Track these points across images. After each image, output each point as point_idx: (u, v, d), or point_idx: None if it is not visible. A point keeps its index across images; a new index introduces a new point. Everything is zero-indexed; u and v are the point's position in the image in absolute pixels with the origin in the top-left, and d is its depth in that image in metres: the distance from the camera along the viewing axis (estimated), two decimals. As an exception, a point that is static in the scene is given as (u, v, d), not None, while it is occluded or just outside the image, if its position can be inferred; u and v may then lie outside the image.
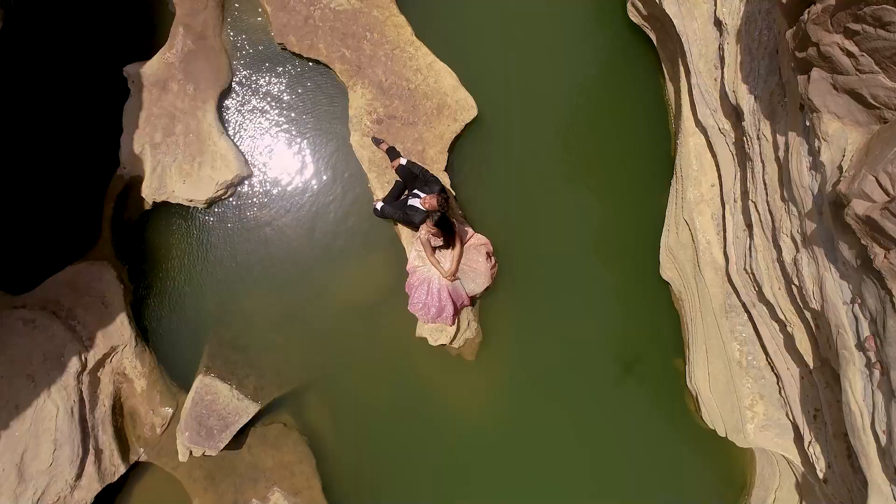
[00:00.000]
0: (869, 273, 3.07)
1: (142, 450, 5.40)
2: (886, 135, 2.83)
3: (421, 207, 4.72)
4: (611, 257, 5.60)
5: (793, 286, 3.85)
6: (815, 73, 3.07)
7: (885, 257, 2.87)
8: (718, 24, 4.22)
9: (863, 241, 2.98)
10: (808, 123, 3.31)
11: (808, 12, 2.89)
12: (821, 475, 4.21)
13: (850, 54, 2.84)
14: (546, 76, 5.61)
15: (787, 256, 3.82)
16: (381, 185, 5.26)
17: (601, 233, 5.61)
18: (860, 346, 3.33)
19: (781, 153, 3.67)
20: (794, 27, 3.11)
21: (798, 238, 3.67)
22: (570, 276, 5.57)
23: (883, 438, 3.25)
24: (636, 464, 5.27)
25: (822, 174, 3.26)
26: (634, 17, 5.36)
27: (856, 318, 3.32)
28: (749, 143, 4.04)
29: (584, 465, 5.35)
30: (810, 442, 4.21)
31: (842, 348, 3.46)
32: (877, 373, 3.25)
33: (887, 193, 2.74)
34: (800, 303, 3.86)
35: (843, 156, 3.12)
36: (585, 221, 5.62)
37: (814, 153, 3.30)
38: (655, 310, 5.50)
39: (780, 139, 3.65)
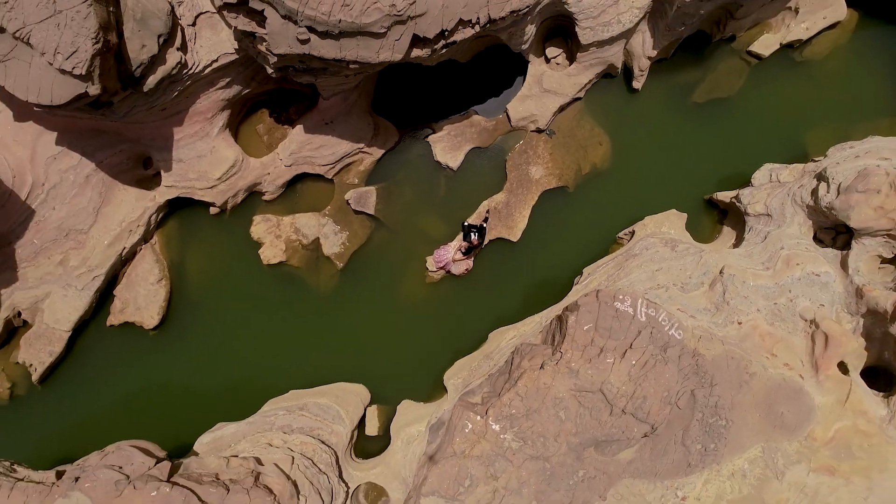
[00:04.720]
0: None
1: (339, 179, 13.67)
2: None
3: (471, 239, 12.88)
4: (503, 316, 13.68)
5: (500, 360, 11.98)
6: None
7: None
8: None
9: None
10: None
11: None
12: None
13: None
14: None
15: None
16: (472, 219, 13.43)
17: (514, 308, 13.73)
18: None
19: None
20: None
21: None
22: (487, 308, 13.69)
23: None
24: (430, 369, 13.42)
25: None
26: (576, 281, 13.51)
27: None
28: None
29: (438, 354, 13.51)
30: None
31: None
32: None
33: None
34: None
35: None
36: (513, 307, 13.69)
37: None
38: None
39: (538, 333, 11.88)
